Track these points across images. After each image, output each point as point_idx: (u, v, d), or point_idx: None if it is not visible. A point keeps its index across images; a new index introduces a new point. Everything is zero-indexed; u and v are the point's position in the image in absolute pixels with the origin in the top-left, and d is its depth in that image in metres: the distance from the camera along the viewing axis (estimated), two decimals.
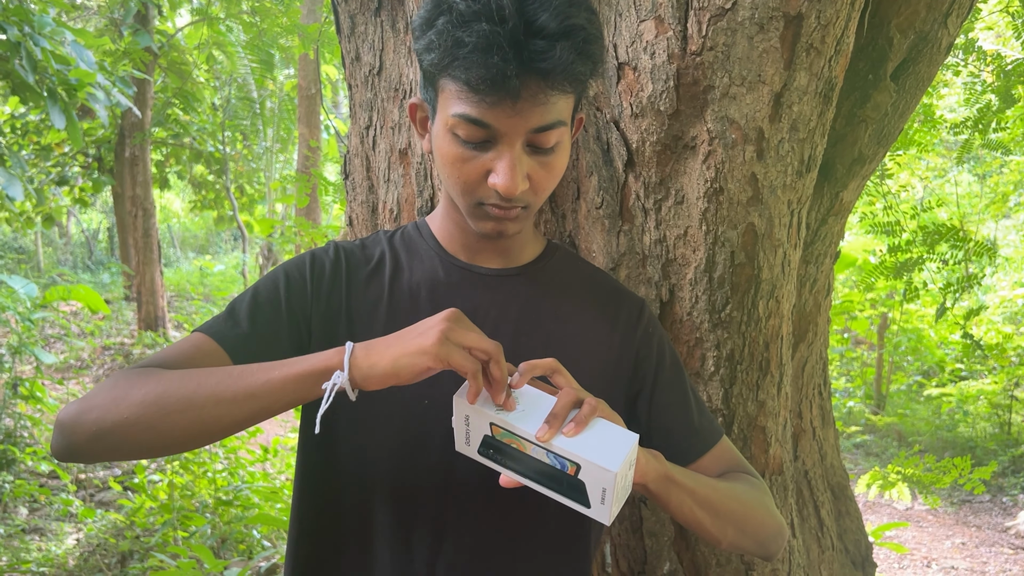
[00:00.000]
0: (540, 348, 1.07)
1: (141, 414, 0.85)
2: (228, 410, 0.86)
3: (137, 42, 8.40)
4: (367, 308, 1.06)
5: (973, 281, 3.02)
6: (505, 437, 0.88)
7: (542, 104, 0.91)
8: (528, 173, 0.96)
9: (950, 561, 5.07)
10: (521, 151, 0.94)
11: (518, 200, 0.98)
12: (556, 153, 0.98)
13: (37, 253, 16.45)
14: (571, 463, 0.85)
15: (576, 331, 1.10)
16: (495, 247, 1.11)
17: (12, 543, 4.01)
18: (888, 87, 1.46)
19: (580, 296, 1.13)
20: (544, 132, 0.94)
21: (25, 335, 5.31)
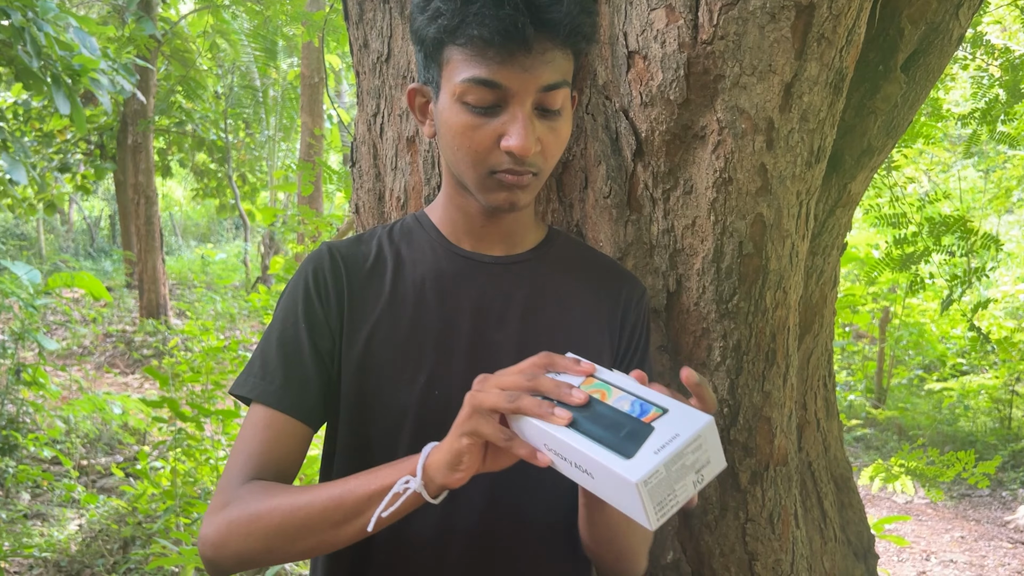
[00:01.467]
0: (545, 333, 1.07)
1: (271, 547, 0.93)
2: (343, 531, 0.91)
3: (141, 29, 8.38)
4: (370, 307, 1.06)
5: (979, 273, 3.02)
6: (593, 388, 0.84)
7: (550, 61, 0.94)
8: (539, 136, 0.97)
9: (949, 554, 5.09)
10: (531, 112, 0.96)
11: (530, 164, 0.98)
12: (562, 117, 0.99)
13: (39, 240, 16.46)
14: (658, 408, 0.81)
15: (580, 315, 1.11)
16: (500, 231, 1.10)
17: (15, 528, 4.03)
18: (898, 78, 1.45)
19: (584, 280, 1.14)
20: (552, 91, 0.95)
21: (28, 321, 5.31)
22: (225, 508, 0.94)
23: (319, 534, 0.91)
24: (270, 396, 1.01)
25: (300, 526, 0.91)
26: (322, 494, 0.91)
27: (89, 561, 3.75)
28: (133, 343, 9.09)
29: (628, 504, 0.76)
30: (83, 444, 5.30)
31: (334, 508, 0.90)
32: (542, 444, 0.82)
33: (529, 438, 0.83)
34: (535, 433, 0.82)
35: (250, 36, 10.29)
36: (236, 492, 0.95)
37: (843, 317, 7.55)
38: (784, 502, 1.40)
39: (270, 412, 1.00)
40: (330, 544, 0.92)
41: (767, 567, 1.39)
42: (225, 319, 10.32)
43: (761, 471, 1.36)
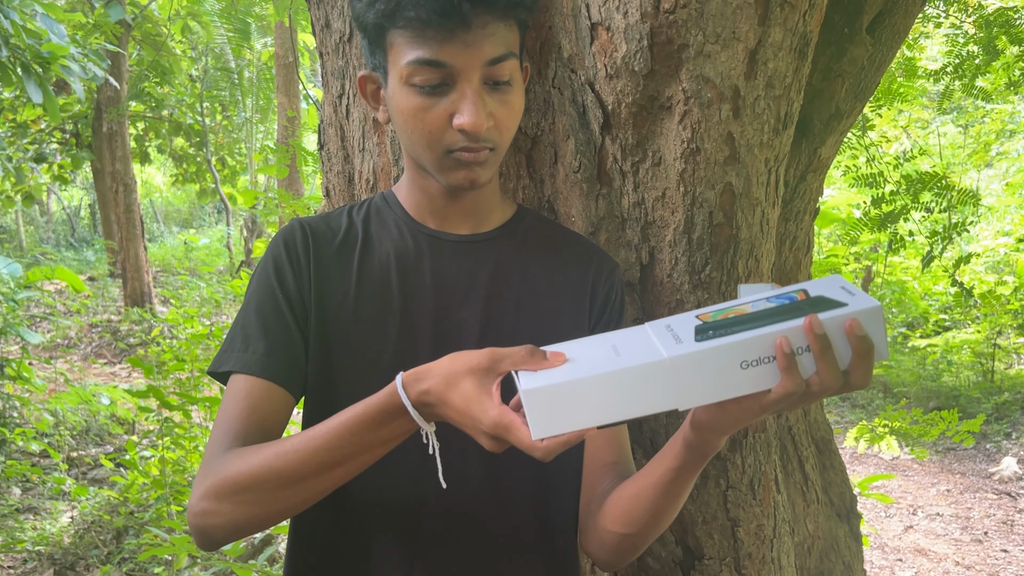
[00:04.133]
0: (511, 312, 1.07)
1: (263, 502, 0.91)
2: (326, 479, 0.90)
3: (108, 14, 8.24)
4: (337, 284, 1.06)
5: (959, 228, 3.04)
6: (719, 315, 0.83)
7: (491, 35, 0.94)
8: (491, 111, 0.97)
9: (935, 508, 5.17)
10: (480, 87, 0.96)
11: (485, 140, 0.97)
12: (513, 89, 0.99)
13: (19, 232, 16.29)
14: (797, 291, 0.82)
15: (547, 293, 1.10)
16: (463, 209, 1.10)
17: (7, 523, 4.03)
18: (864, 40, 1.45)
19: (551, 257, 1.13)
20: (498, 64, 0.95)
21: (10, 315, 5.27)
22: (208, 477, 0.92)
23: (305, 487, 0.90)
24: (252, 365, 0.99)
25: (292, 474, 0.89)
26: (307, 436, 0.89)
27: (83, 552, 3.76)
28: (119, 333, 9.05)
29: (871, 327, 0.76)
30: (72, 436, 5.28)
31: (310, 456, 0.88)
32: (736, 367, 0.78)
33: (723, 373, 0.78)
34: (729, 357, 0.77)
35: (221, 17, 10.14)
36: (218, 460, 0.93)
37: None
38: (764, 468, 1.41)
39: (251, 380, 0.99)
40: (321, 490, 0.91)
41: (750, 532, 1.40)
42: (210, 305, 10.27)
43: (740, 438, 1.37)
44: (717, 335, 0.78)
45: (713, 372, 0.78)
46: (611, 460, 1.07)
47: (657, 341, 0.81)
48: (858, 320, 0.76)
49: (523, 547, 1.07)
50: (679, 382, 0.78)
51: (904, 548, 4.61)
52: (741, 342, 0.77)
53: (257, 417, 0.96)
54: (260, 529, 0.95)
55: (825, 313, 0.77)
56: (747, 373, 0.78)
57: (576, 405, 0.78)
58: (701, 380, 0.79)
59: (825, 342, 0.76)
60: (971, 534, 4.79)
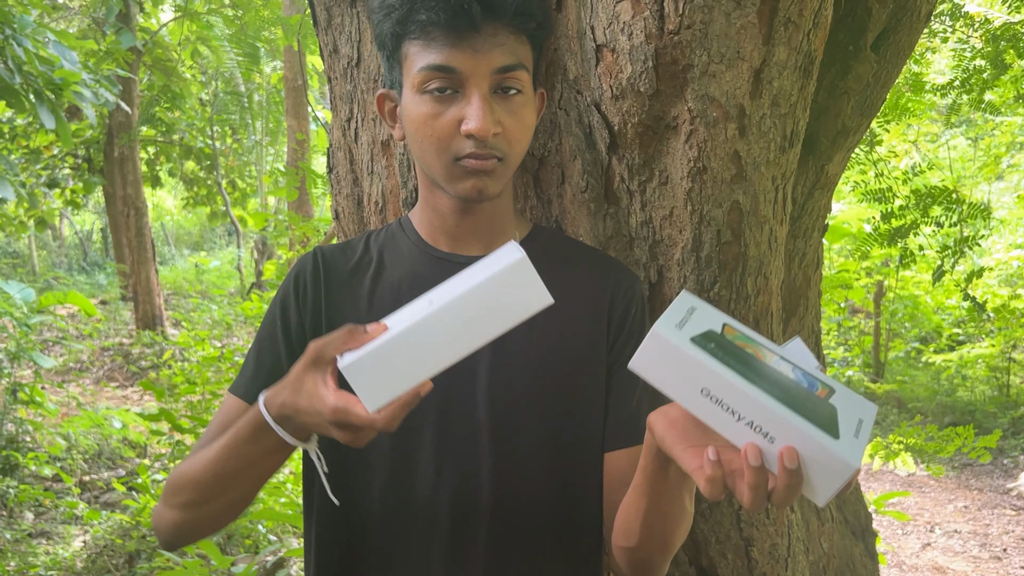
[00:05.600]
0: (524, 332, 1.05)
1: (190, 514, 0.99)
2: (231, 490, 0.96)
3: (120, 41, 8.33)
4: (348, 310, 1.08)
5: (969, 243, 3.02)
6: (740, 340, 0.78)
7: (501, 44, 0.96)
8: (499, 119, 0.98)
9: (953, 525, 5.11)
10: (489, 94, 0.97)
11: (493, 148, 0.98)
12: (523, 102, 1.00)
13: (31, 257, 16.42)
14: (824, 385, 0.77)
15: (562, 311, 1.07)
16: (475, 227, 1.10)
17: (19, 548, 4.03)
18: (869, 58, 1.45)
19: (569, 274, 1.12)
20: (507, 73, 0.97)
21: (23, 340, 5.30)
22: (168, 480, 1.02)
23: (217, 487, 0.96)
24: (238, 387, 1.07)
25: (204, 482, 0.96)
26: (212, 447, 0.96)
27: None
28: (130, 356, 9.08)
29: (820, 479, 0.70)
30: (84, 460, 5.29)
31: (218, 457, 0.94)
32: (698, 388, 0.73)
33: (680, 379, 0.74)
34: (694, 373, 0.73)
35: (231, 41, 10.24)
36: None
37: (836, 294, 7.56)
38: None
39: (233, 399, 1.06)
40: (233, 499, 0.97)
41: (764, 552, 1.39)
42: (221, 327, 10.30)
43: None
44: (713, 353, 0.74)
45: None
46: (631, 473, 1.05)
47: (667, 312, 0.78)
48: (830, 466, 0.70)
49: (545, 564, 1.06)
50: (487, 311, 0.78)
51: (922, 566, 4.56)
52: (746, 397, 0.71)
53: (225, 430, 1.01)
54: (202, 532, 1.01)
55: (808, 440, 0.70)
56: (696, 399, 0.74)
57: (396, 366, 0.78)
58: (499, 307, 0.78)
59: (792, 477, 0.71)
60: (990, 551, 4.73)
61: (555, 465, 1.05)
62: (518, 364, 1.05)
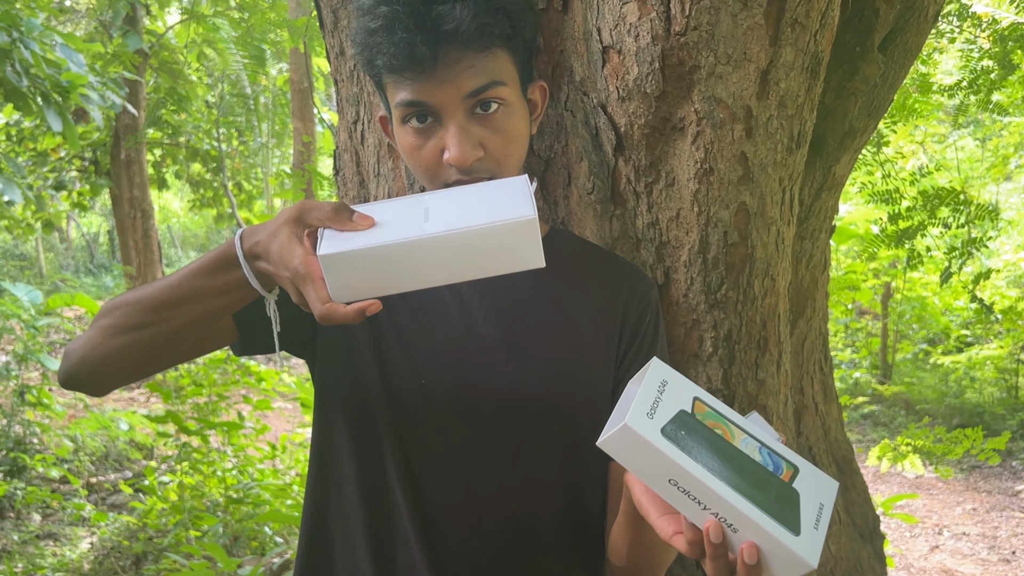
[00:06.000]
0: (536, 332, 1.07)
1: (110, 335, 0.96)
2: (168, 318, 0.93)
3: (126, 44, 8.36)
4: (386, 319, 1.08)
5: (977, 244, 3.00)
6: (709, 419, 0.78)
7: (468, 68, 0.93)
8: (481, 141, 0.97)
9: (961, 527, 5.09)
10: (466, 119, 0.96)
11: (478, 171, 0.98)
12: (506, 116, 0.98)
13: (39, 259, 16.47)
14: (788, 465, 0.77)
15: (575, 314, 1.08)
16: None
17: (27, 549, 4.04)
18: (876, 58, 1.45)
19: (582, 278, 1.12)
20: (481, 95, 0.95)
21: (30, 342, 5.31)
22: None
23: (153, 312, 0.93)
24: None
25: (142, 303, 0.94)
26: (168, 275, 0.95)
27: None
28: None
29: (779, 571, 0.72)
30: (91, 462, 5.30)
31: (170, 282, 0.93)
32: (666, 478, 0.74)
33: (650, 467, 0.75)
34: (663, 465, 0.74)
35: (237, 44, 10.26)
36: None
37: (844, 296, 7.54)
38: None
39: None
40: (163, 330, 0.94)
41: None
42: None
43: None
44: (680, 442, 0.74)
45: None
46: None
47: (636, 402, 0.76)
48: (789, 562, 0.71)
49: (551, 558, 1.06)
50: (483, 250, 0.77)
51: (930, 569, 4.54)
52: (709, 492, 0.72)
53: None
54: (109, 364, 0.97)
55: (769, 538, 0.71)
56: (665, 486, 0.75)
57: (370, 273, 0.78)
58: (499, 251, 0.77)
59: (751, 571, 0.73)
60: (999, 553, 4.71)
61: (563, 465, 1.05)
62: (531, 363, 1.05)
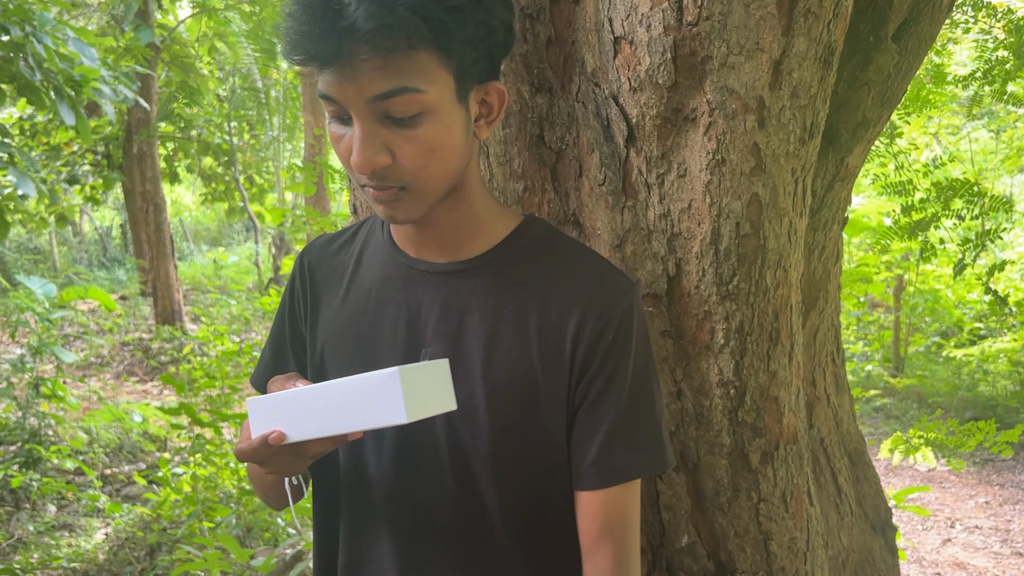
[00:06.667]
0: (479, 350, 1.00)
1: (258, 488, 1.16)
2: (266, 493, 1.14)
3: (138, 38, 8.39)
4: (327, 308, 1.10)
5: (991, 236, 2.99)
6: None
7: (377, 68, 0.84)
8: (391, 147, 0.88)
9: (974, 521, 5.07)
10: (374, 123, 0.87)
11: (386, 179, 0.90)
12: (423, 125, 0.88)
13: (52, 253, 16.58)
14: None
15: (523, 333, 0.99)
16: (434, 238, 1.03)
17: (43, 540, 4.08)
18: (890, 48, 1.44)
19: (536, 291, 1.01)
20: (387, 100, 0.85)
21: (45, 335, 5.35)
22: None
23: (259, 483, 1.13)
24: (253, 377, 1.18)
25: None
26: None
27: (117, 569, 3.79)
28: (150, 351, 9.16)
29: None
30: (105, 454, 5.35)
31: None
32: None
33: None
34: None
35: (248, 37, 10.29)
36: None
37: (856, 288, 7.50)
38: (796, 480, 1.40)
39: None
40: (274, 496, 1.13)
41: (783, 546, 1.39)
42: (240, 322, 10.37)
43: (771, 450, 1.36)
44: None
45: None
46: (587, 529, 0.99)
47: None
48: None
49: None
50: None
51: (942, 562, 4.52)
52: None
53: None
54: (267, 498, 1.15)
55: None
56: None
57: (276, 416, 0.93)
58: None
59: None
60: (1011, 547, 4.69)
61: (515, 487, 1.01)
62: (475, 381, 0.99)
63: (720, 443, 1.33)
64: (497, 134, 1.35)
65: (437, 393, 0.87)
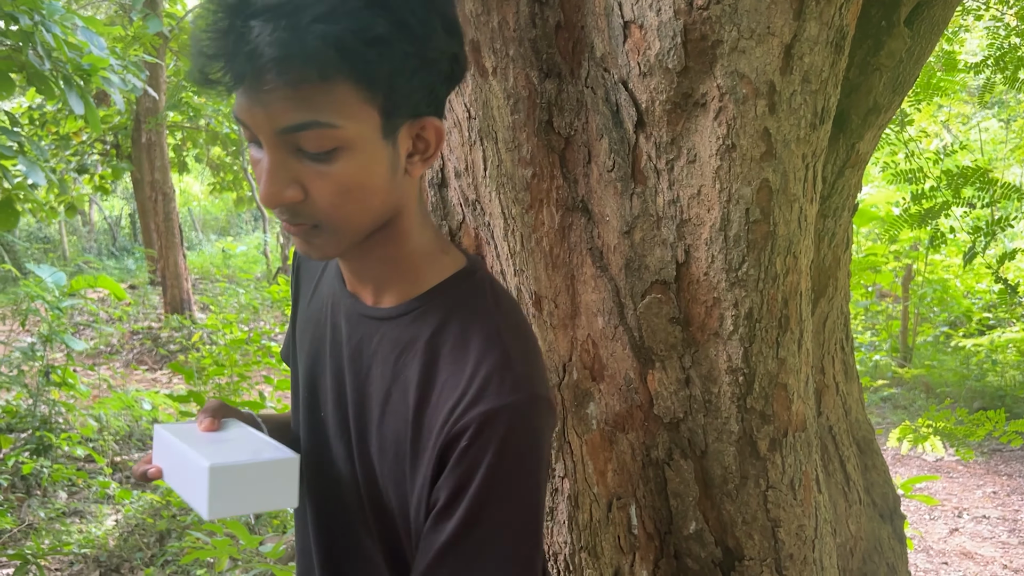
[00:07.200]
0: (377, 407, 0.94)
1: None
2: None
3: (147, 27, 8.39)
4: (304, 300, 1.11)
5: (1003, 224, 2.97)
6: None
7: (285, 99, 0.75)
8: (303, 182, 0.80)
9: (981, 511, 5.06)
10: (285, 154, 0.79)
11: (298, 215, 0.83)
12: (339, 162, 0.79)
13: (62, 242, 16.64)
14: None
15: (408, 404, 0.90)
16: (358, 276, 0.96)
17: (54, 526, 4.11)
18: (902, 33, 1.43)
19: (433, 366, 0.89)
20: (297, 133, 0.77)
21: (55, 323, 5.38)
22: None
23: None
24: (281, 351, 1.24)
25: None
26: None
27: (127, 555, 3.82)
28: (159, 339, 9.20)
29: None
30: (115, 441, 5.38)
31: None
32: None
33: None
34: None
35: None
36: None
37: (865, 277, 7.47)
38: (805, 467, 1.40)
39: None
40: None
41: (791, 533, 1.39)
42: (248, 311, 10.40)
43: (780, 438, 1.35)
44: None
45: None
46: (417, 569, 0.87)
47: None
48: None
49: None
50: None
51: (949, 551, 4.52)
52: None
53: None
54: None
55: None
56: None
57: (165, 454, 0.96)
58: None
59: None
60: (1019, 536, 4.68)
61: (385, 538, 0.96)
62: (372, 430, 0.93)
63: (728, 430, 1.33)
64: (506, 120, 1.35)
65: (270, 490, 0.84)
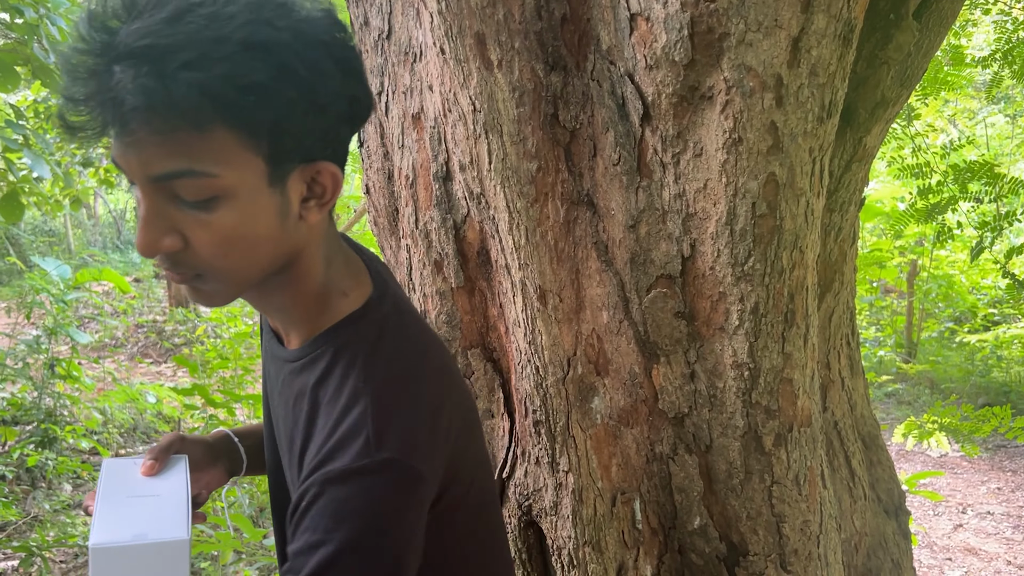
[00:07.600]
0: (285, 446, 0.94)
1: None
2: None
3: None
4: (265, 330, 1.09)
5: (1010, 218, 2.95)
6: None
7: (157, 146, 0.71)
8: (183, 231, 0.76)
9: (986, 506, 5.06)
10: (161, 202, 0.75)
11: (179, 264, 0.78)
12: (219, 211, 0.75)
13: (67, 235, 16.67)
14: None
15: (295, 452, 0.88)
16: (268, 313, 0.94)
17: (59, 518, 4.12)
18: (910, 26, 1.42)
19: (313, 413, 0.85)
20: (170, 182, 0.73)
21: (60, 316, 5.39)
22: None
23: None
24: None
25: None
26: None
27: None
28: (164, 332, 9.21)
29: None
30: (120, 434, 5.39)
31: None
32: None
33: None
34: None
35: None
36: None
37: (870, 273, 7.45)
38: (810, 463, 1.39)
39: None
40: None
41: (795, 528, 1.38)
42: None
43: (785, 433, 1.35)
44: None
45: None
46: None
47: None
48: None
49: None
50: None
51: (954, 547, 4.52)
52: None
53: None
54: None
55: None
56: None
57: None
58: None
59: None
60: (1023, 532, 4.68)
61: None
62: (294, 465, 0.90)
63: (734, 425, 1.32)
64: (511, 113, 1.34)
65: (155, 568, 0.84)
